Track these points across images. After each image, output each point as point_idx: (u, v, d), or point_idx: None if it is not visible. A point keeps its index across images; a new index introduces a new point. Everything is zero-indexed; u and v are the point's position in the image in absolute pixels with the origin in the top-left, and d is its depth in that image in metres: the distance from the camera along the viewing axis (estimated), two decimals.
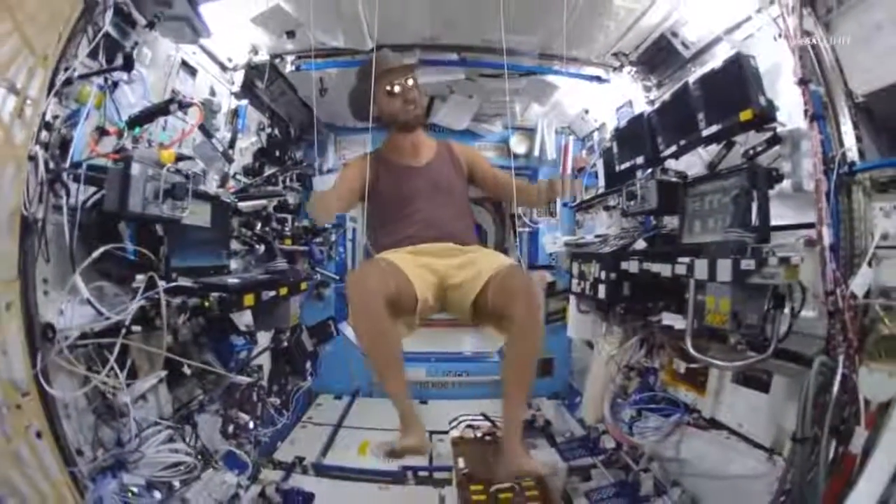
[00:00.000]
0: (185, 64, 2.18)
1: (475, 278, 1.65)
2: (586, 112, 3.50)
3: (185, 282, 1.68)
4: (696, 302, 1.57)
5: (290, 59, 2.67)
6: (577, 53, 2.67)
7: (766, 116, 1.60)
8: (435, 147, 1.96)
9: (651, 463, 2.26)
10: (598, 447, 2.53)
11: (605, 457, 2.44)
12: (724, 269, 1.41)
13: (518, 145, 3.82)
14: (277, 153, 3.05)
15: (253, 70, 2.66)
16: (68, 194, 1.33)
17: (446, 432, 2.97)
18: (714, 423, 2.08)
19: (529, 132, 3.82)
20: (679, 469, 2.21)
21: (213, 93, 2.40)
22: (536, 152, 3.80)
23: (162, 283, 1.48)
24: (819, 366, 1.37)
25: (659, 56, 2.58)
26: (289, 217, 3.09)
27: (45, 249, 1.33)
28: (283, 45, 2.59)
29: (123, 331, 1.37)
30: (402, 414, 1.58)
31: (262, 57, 2.66)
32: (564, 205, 3.91)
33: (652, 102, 2.67)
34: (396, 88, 1.78)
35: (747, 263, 1.37)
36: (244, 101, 2.59)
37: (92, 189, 1.49)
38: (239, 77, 2.66)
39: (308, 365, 3.42)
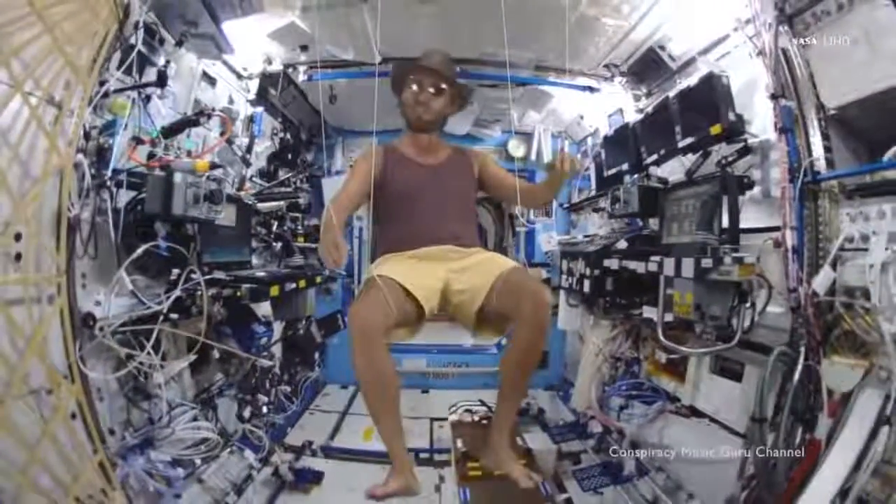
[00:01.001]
0: (205, 74, 2.29)
1: (480, 283, 1.58)
2: (581, 118, 3.59)
3: (219, 274, 1.79)
4: (666, 296, 1.67)
5: (302, 69, 2.76)
6: (571, 65, 2.76)
7: (734, 131, 1.70)
8: (449, 150, 1.91)
9: (638, 450, 2.36)
10: (586, 432, 2.64)
11: (595, 442, 2.55)
12: (688, 266, 1.52)
13: (516, 149, 3.92)
14: (290, 156, 3.15)
15: (267, 78, 2.76)
16: (112, 198, 1.43)
17: (446, 419, 3.08)
18: (694, 412, 2.17)
19: (527, 136, 3.92)
20: (663, 455, 2.31)
21: (231, 101, 2.50)
22: (534, 156, 3.90)
23: (197, 276, 1.59)
24: (777, 355, 1.46)
25: (648, 67, 2.67)
26: (300, 216, 3.19)
27: (85, 247, 1.43)
28: (295, 56, 2.68)
29: (161, 318, 1.48)
30: (393, 456, 1.54)
31: (276, 67, 2.76)
32: (561, 205, 4.00)
33: (641, 111, 2.76)
34: (413, 87, 1.75)
35: (706, 262, 1.47)
36: (259, 109, 2.68)
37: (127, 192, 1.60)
38: (254, 85, 2.76)
39: (316, 356, 3.52)
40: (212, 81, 2.35)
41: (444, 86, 1.76)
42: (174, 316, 1.50)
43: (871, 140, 1.68)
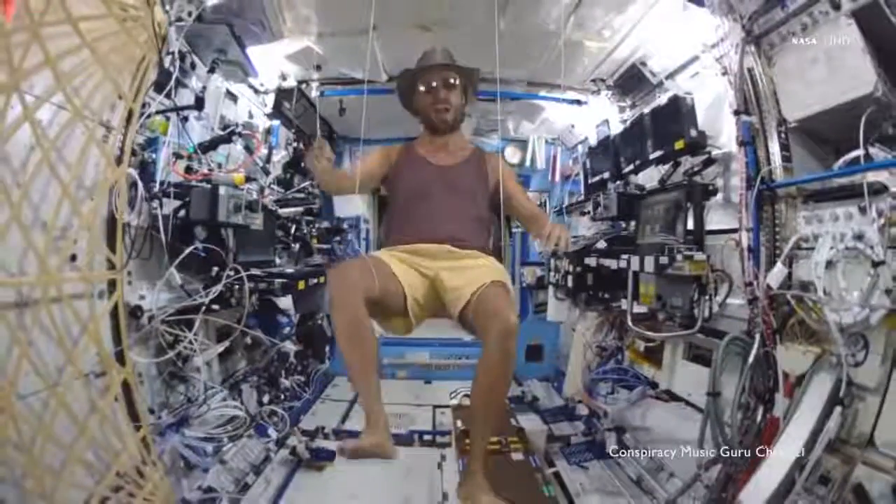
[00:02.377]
0: (228, 92, 2.45)
1: (463, 290, 1.54)
2: (572, 126, 3.74)
3: (255, 271, 1.95)
4: (634, 288, 1.82)
5: (314, 85, 2.91)
6: (560, 81, 2.91)
7: (696, 145, 1.84)
8: (469, 152, 1.85)
9: (619, 429, 2.51)
10: (574, 414, 2.79)
11: (583, 424, 2.70)
12: (649, 263, 1.67)
13: (512, 156, 4.07)
14: (303, 164, 3.30)
15: (282, 93, 2.92)
16: (161, 206, 1.59)
17: (448, 406, 3.23)
18: (673, 396, 2.32)
19: (522, 143, 4.07)
20: (647, 437, 2.46)
21: (250, 115, 2.66)
22: (528, 162, 4.05)
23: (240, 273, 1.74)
24: (730, 340, 1.61)
25: (631, 81, 2.81)
26: (313, 219, 3.35)
27: (132, 249, 1.59)
28: (308, 73, 2.84)
29: (203, 308, 1.63)
30: (367, 412, 1.48)
31: (290, 83, 2.91)
32: (553, 210, 4.14)
33: (624, 121, 2.91)
34: (428, 88, 1.71)
35: (663, 259, 1.62)
36: (276, 122, 2.84)
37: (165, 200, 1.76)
38: (270, 100, 2.92)
39: (326, 349, 3.68)
40: (234, 98, 2.51)
41: (455, 79, 1.72)
42: (215, 307, 1.65)
43: (839, 146, 1.75)
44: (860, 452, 1.49)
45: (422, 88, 1.72)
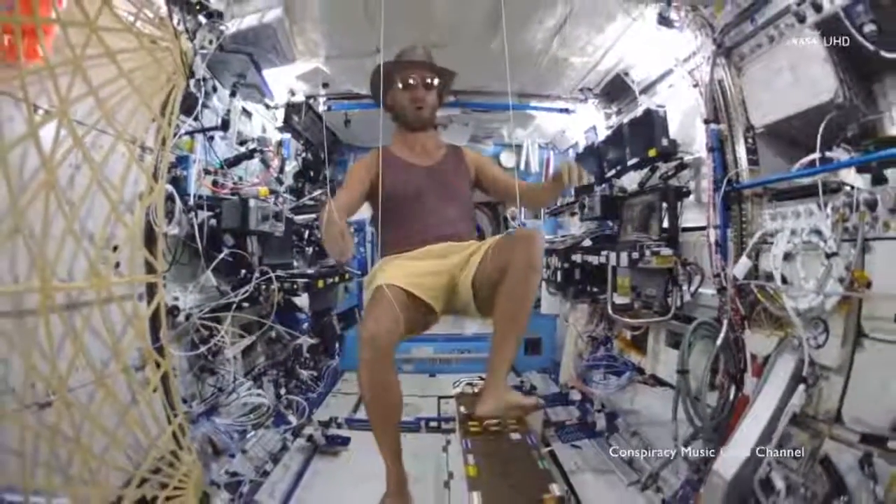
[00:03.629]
0: (244, 110, 2.61)
1: (472, 262, 1.52)
2: (563, 131, 3.90)
3: (280, 272, 2.12)
4: (613, 281, 1.98)
5: (322, 100, 3.08)
6: (550, 91, 3.07)
7: (667, 152, 2.00)
8: (444, 149, 1.81)
9: (616, 418, 2.66)
10: (568, 400, 2.95)
11: (576, 409, 2.86)
12: (624, 259, 1.83)
13: (508, 160, 4.24)
14: (311, 173, 3.47)
15: (291, 107, 3.08)
16: (197, 216, 1.75)
17: (451, 397, 3.38)
18: (658, 381, 2.47)
19: (517, 148, 4.24)
20: (636, 419, 2.61)
21: (263, 129, 2.82)
22: (523, 165, 4.21)
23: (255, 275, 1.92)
24: (697, 326, 1.76)
25: (616, 90, 2.98)
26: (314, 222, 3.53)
27: (174, 255, 1.75)
28: (317, 89, 3.01)
29: (234, 306, 1.80)
30: (389, 474, 1.47)
31: (299, 98, 3.08)
32: (550, 215, 4.31)
33: (611, 127, 3.06)
34: (410, 82, 1.64)
35: (635, 255, 1.78)
36: (287, 135, 3.00)
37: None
38: (280, 114, 3.08)
39: (336, 346, 3.84)
40: (249, 115, 2.68)
41: (433, 79, 1.67)
42: (245, 304, 1.82)
43: (808, 147, 1.78)
44: (828, 428, 1.61)
45: (400, 84, 1.65)
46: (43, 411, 1.43)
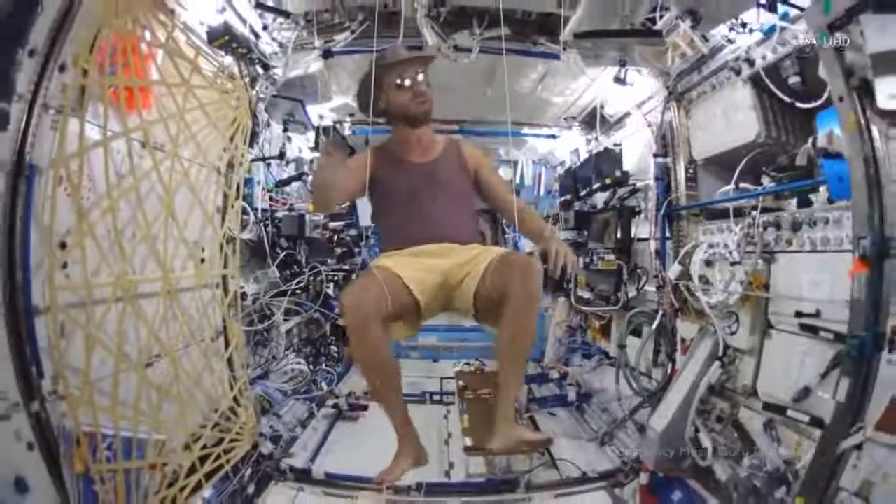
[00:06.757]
0: (287, 136, 3.15)
1: (476, 271, 1.50)
2: (552, 152, 4.41)
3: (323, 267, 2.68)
4: (575, 280, 2.51)
5: (347, 124, 3.62)
6: (538, 120, 3.59)
7: (621, 181, 2.51)
8: (442, 144, 1.76)
9: (590, 398, 3.17)
10: (548, 378, 3.48)
11: (555, 385, 3.39)
12: (581, 262, 2.34)
13: (505, 175, 4.74)
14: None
15: (322, 130, 3.61)
16: (267, 226, 2.29)
17: (452, 377, 3.88)
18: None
19: (513, 164, 4.75)
20: (605, 396, 3.10)
21: (300, 150, 3.37)
22: (518, 179, 4.73)
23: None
24: (634, 312, 2.27)
25: (594, 119, 3.46)
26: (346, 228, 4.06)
27: (250, 255, 2.27)
28: (343, 116, 3.55)
29: (289, 293, 2.34)
30: (399, 433, 1.50)
31: (328, 122, 3.61)
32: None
33: (589, 152, 3.57)
34: (407, 81, 1.57)
35: (587, 259, 2.30)
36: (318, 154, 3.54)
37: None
38: (311, 136, 3.62)
39: None
40: (289, 139, 3.22)
41: (426, 70, 1.63)
42: (298, 291, 2.37)
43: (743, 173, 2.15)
44: (742, 399, 1.99)
45: (398, 82, 1.58)
46: (147, 369, 1.91)
